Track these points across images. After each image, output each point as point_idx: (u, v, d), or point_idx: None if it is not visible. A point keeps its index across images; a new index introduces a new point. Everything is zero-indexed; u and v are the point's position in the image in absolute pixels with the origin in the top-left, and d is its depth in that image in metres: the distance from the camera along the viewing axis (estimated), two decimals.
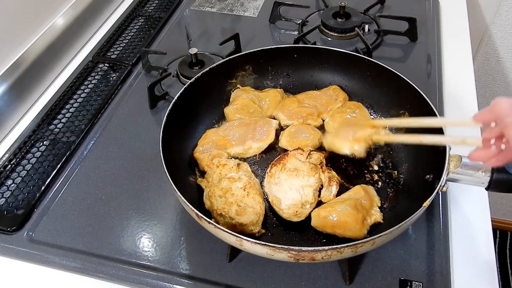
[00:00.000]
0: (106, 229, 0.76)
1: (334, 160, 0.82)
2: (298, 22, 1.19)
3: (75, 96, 1.01)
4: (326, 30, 1.15)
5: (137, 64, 1.09)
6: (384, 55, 1.09)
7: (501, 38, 1.46)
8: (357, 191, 0.74)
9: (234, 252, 0.71)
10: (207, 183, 0.76)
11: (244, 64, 0.93)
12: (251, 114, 0.88)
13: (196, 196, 0.76)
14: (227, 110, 0.89)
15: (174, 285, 0.69)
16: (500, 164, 0.55)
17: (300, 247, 0.58)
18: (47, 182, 0.83)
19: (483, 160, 0.55)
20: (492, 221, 0.77)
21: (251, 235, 0.68)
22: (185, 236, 0.75)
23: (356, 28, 1.12)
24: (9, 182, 0.84)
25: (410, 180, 0.78)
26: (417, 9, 1.22)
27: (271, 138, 0.84)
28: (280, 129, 0.89)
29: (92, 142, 0.91)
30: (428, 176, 0.72)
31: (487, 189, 0.68)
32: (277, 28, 1.20)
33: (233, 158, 0.82)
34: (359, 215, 0.68)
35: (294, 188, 0.74)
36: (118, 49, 1.13)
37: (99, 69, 1.08)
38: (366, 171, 0.81)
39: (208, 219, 0.61)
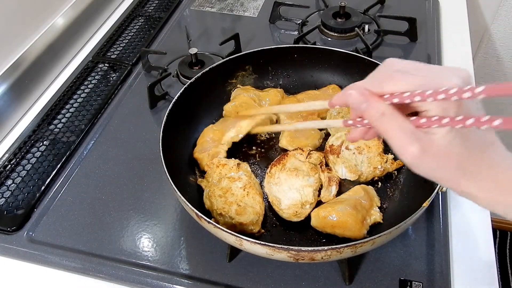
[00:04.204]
0: (106, 229, 0.77)
1: None
2: (298, 22, 1.19)
3: (75, 96, 1.01)
4: (326, 30, 1.15)
5: (137, 64, 1.09)
6: (384, 55, 1.09)
7: (501, 38, 1.46)
8: (357, 191, 0.74)
9: (234, 252, 0.71)
10: (207, 183, 0.76)
11: (244, 64, 0.93)
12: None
13: (196, 196, 0.76)
14: (227, 107, 0.89)
15: (174, 285, 0.69)
16: (374, 137, 0.55)
17: (299, 247, 0.58)
18: (47, 182, 0.83)
19: (358, 138, 0.54)
20: (492, 221, 0.77)
21: (251, 235, 0.68)
22: (185, 236, 0.75)
23: (356, 28, 1.12)
24: (9, 182, 0.84)
25: (410, 180, 0.77)
26: (417, 9, 1.22)
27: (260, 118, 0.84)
28: None
29: (92, 142, 0.91)
30: None
31: None
32: (277, 28, 1.20)
33: (233, 159, 0.82)
34: (358, 215, 0.68)
35: (294, 188, 0.74)
36: (118, 49, 1.13)
37: (99, 69, 1.08)
38: None
39: (208, 219, 0.62)
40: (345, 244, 0.58)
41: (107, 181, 0.84)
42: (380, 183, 0.79)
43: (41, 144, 0.91)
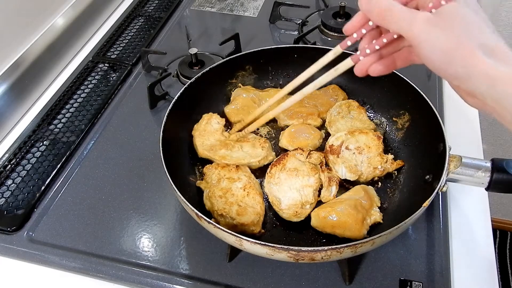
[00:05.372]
0: (106, 229, 0.77)
1: None
2: (298, 22, 1.19)
3: (75, 96, 1.01)
4: (326, 30, 1.15)
5: (137, 64, 1.09)
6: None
7: (501, 38, 1.46)
8: (357, 191, 0.74)
9: (234, 252, 0.71)
10: (206, 184, 0.76)
11: (244, 64, 0.93)
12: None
13: (196, 196, 0.76)
14: (227, 110, 0.89)
15: (174, 285, 0.69)
16: (387, 70, 0.53)
17: (299, 247, 0.58)
18: (47, 182, 0.83)
19: (365, 68, 0.53)
20: (492, 221, 0.77)
21: (252, 235, 0.68)
22: (185, 236, 0.75)
23: None
24: (9, 182, 0.84)
25: (410, 180, 0.77)
26: None
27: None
28: (280, 129, 0.89)
29: (92, 142, 0.91)
30: (428, 176, 0.72)
31: (487, 189, 0.68)
32: (277, 28, 1.20)
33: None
34: (358, 215, 0.68)
35: (294, 188, 0.74)
36: (118, 49, 1.13)
37: (99, 69, 1.08)
38: None
39: (208, 219, 0.62)
40: (345, 244, 0.58)
41: (107, 181, 0.84)
42: (380, 183, 0.79)
43: (41, 144, 0.91)
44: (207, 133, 0.83)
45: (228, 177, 0.75)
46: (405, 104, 0.84)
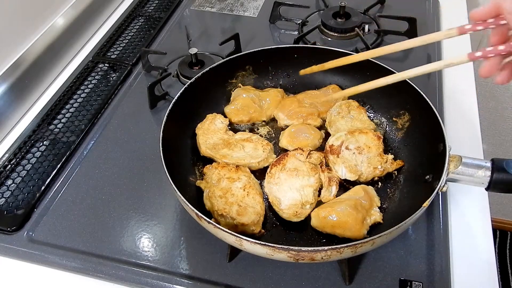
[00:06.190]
0: (106, 229, 0.77)
1: None
2: (298, 22, 1.19)
3: (75, 96, 1.01)
4: (326, 30, 1.15)
5: (137, 64, 1.09)
6: (384, 55, 1.09)
7: None
8: (357, 191, 0.74)
9: (234, 252, 0.71)
10: (206, 184, 0.76)
11: (244, 64, 0.93)
12: (251, 114, 0.88)
13: (196, 196, 0.76)
14: (227, 110, 0.89)
15: (174, 285, 0.69)
16: (507, 78, 0.49)
17: (299, 247, 0.58)
18: (47, 182, 0.83)
19: (492, 71, 0.49)
20: (492, 221, 0.77)
21: (252, 235, 0.68)
22: (185, 236, 0.75)
23: (356, 28, 1.12)
24: (9, 182, 0.84)
25: (410, 180, 0.78)
26: (417, 9, 1.22)
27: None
28: (280, 129, 0.89)
29: (92, 142, 0.91)
30: (428, 176, 0.72)
31: (487, 189, 0.68)
32: (277, 28, 1.20)
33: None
34: (358, 215, 0.68)
35: (294, 188, 0.74)
36: (118, 49, 1.13)
37: (99, 69, 1.08)
38: None
39: (208, 219, 0.62)
40: (345, 244, 0.58)
41: (107, 181, 0.84)
42: (380, 183, 0.79)
43: (41, 144, 0.91)
44: (211, 131, 0.83)
45: (228, 177, 0.75)
46: (405, 104, 0.84)
